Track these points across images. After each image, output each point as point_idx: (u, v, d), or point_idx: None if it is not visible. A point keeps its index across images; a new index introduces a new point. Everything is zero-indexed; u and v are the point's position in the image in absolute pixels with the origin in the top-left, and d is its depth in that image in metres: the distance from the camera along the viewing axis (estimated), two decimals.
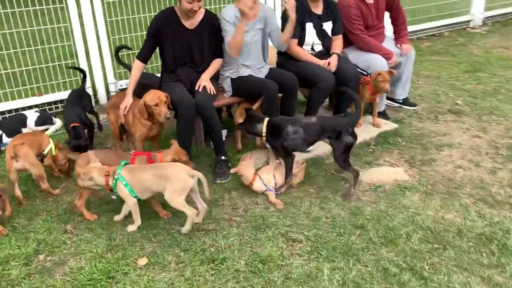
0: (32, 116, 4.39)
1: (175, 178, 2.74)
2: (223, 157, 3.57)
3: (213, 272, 2.56)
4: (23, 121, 4.36)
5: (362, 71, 4.25)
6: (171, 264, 2.63)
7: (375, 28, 4.35)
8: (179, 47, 3.53)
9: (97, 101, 5.03)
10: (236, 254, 2.69)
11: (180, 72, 3.61)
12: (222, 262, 2.62)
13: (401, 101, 4.76)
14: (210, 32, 3.56)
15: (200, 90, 3.41)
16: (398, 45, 4.49)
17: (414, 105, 4.76)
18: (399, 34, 4.55)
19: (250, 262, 2.62)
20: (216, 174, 3.48)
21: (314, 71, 3.83)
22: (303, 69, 3.86)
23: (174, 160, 3.04)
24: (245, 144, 3.97)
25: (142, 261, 2.65)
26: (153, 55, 3.73)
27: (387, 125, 4.28)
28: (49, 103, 4.83)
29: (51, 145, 3.43)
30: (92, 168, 2.87)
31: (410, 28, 7.20)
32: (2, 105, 4.56)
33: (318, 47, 4.05)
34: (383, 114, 4.47)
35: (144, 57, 3.55)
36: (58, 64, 4.81)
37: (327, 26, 4.02)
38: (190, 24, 3.50)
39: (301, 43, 3.97)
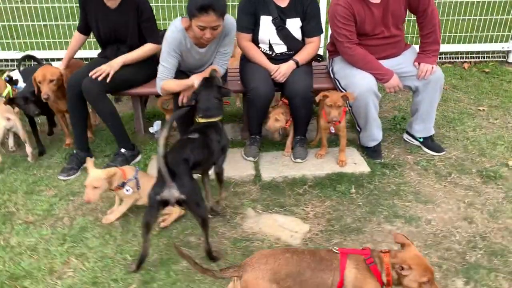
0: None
1: None
2: (122, 150, 3.23)
3: None
4: None
5: (342, 90, 3.23)
6: None
7: (377, 36, 3.18)
8: (103, 27, 3.24)
9: None
10: (12, 257, 2.44)
11: (108, 51, 3.34)
12: None
13: (421, 140, 3.50)
14: (134, 14, 3.17)
15: (94, 76, 3.02)
16: (416, 64, 3.24)
17: (438, 150, 3.43)
18: (423, 48, 3.24)
19: (8, 274, 2.35)
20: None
21: (250, 76, 3.07)
22: (244, 71, 3.15)
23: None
24: None
25: None
26: None
27: (357, 167, 3.20)
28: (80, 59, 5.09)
29: (8, 88, 3.63)
30: None
31: None
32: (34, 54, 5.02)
33: (280, 48, 3.20)
34: (373, 152, 3.36)
35: (82, 28, 3.37)
36: None
37: (293, 24, 3.13)
38: (112, 3, 3.15)
39: (255, 40, 3.21)
